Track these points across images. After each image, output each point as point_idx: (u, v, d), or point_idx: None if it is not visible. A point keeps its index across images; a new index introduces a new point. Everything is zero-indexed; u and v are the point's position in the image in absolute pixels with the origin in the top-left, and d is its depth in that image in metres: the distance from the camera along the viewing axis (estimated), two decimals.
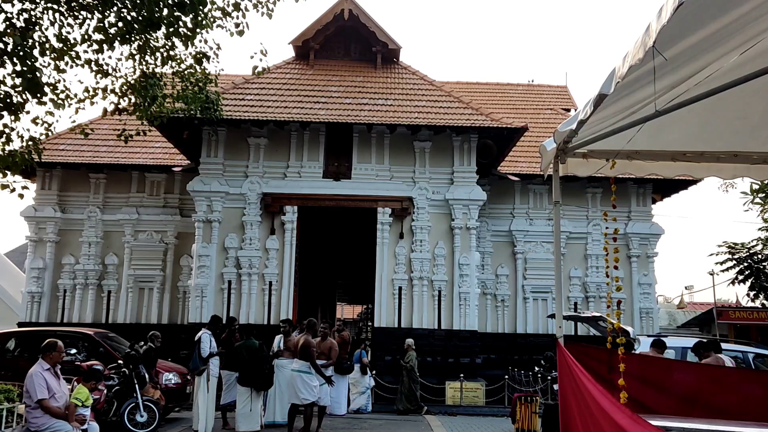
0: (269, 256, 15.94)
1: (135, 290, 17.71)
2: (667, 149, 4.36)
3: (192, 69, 10.25)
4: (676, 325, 27.46)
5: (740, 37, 2.68)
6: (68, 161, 17.58)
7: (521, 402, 10.97)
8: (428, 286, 16.03)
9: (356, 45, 18.81)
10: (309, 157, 16.45)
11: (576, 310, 17.37)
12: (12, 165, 7.88)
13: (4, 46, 7.32)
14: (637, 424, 2.66)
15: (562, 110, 21.96)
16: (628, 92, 3.18)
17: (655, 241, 18.53)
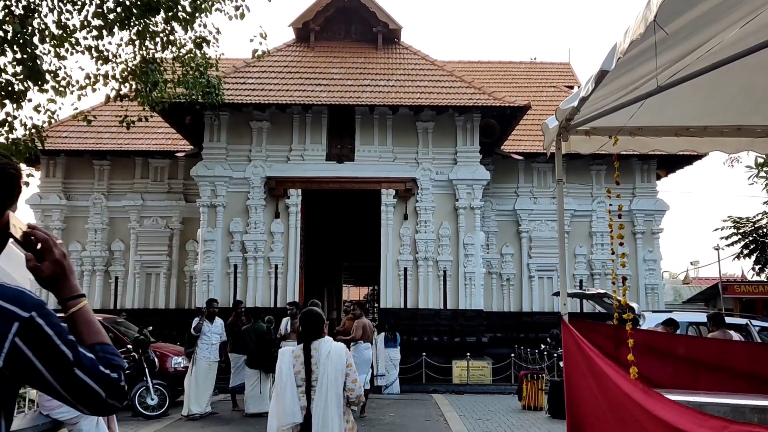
0: (274, 240, 16.00)
1: (142, 276, 17.84)
2: (670, 124, 4.34)
3: (192, 54, 10.20)
4: (681, 300, 27.51)
5: (742, 10, 2.65)
6: (72, 148, 17.62)
7: (527, 379, 11.08)
8: (433, 267, 16.08)
9: (357, 26, 18.68)
10: (312, 140, 16.43)
11: (581, 287, 17.41)
12: (16, 153, 7.91)
13: (4, 33, 7.31)
14: (649, 397, 2.69)
15: (565, 87, 21.81)
16: (630, 68, 3.16)
17: (660, 217, 18.51)
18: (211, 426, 9.39)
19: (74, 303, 1.44)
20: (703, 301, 25.66)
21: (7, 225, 1.43)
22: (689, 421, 2.32)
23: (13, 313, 1.28)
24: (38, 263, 1.43)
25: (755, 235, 20.76)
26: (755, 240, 20.76)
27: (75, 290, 1.45)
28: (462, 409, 11.13)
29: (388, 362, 13.49)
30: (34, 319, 1.30)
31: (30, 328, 1.29)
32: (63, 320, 1.38)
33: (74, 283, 1.46)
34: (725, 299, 21.49)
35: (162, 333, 14.78)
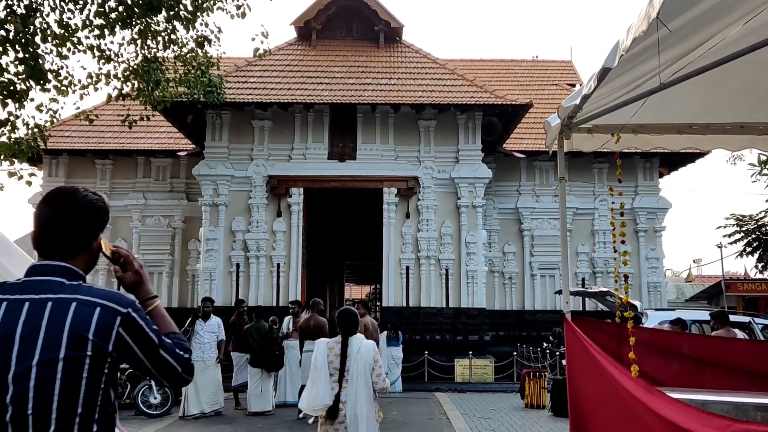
0: (276, 239, 16.01)
1: None
2: (673, 122, 4.33)
3: (194, 53, 10.20)
4: (684, 298, 27.48)
5: (745, 7, 2.64)
6: (74, 148, 17.65)
7: (530, 378, 11.07)
8: (435, 265, 16.08)
9: (358, 24, 18.67)
10: (314, 139, 16.44)
11: (584, 285, 17.40)
12: (18, 153, 7.91)
13: (6, 33, 7.31)
14: (652, 395, 2.68)
15: (567, 85, 21.78)
16: (632, 65, 3.15)
17: (663, 215, 18.49)
18: (213, 425, 9.40)
19: (150, 303, 1.91)
20: (705, 299, 25.63)
21: (100, 246, 1.91)
22: (692, 419, 2.32)
23: (115, 310, 1.72)
24: (123, 273, 1.92)
25: (758, 232, 20.70)
26: (758, 238, 20.71)
27: (150, 293, 1.93)
28: (464, 407, 11.13)
29: (391, 361, 13.49)
30: (130, 313, 1.74)
31: (128, 320, 1.73)
32: None
33: (149, 288, 1.95)
34: (728, 297, 21.46)
35: None
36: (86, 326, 1.66)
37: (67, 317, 1.65)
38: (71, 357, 1.62)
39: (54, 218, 1.79)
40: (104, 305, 1.71)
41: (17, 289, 1.71)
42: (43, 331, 1.63)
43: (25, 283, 1.74)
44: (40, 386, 1.59)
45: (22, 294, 1.69)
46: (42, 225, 1.80)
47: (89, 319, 1.67)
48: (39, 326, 1.63)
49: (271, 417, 9.94)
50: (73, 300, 1.69)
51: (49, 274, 1.74)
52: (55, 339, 1.63)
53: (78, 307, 1.68)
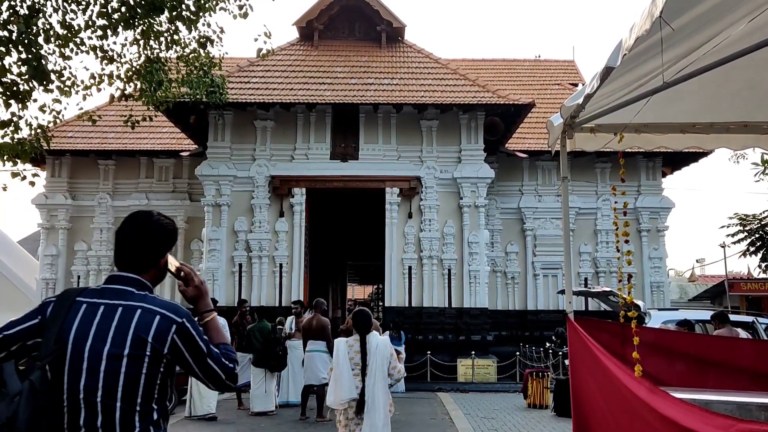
0: (279, 239, 16.02)
1: None
2: (676, 121, 4.32)
3: (196, 53, 10.20)
4: (687, 298, 27.41)
5: (748, 6, 2.63)
6: (77, 148, 17.69)
7: (533, 378, 11.06)
8: (438, 265, 16.07)
9: (360, 24, 18.67)
10: (316, 139, 16.44)
11: (586, 285, 17.38)
12: (21, 153, 7.92)
13: (9, 34, 7.32)
14: (655, 395, 2.67)
15: (570, 85, 21.76)
16: (636, 64, 3.15)
17: (666, 214, 18.46)
18: (216, 425, 9.40)
19: (207, 315, 2.18)
20: (709, 299, 25.56)
21: (166, 263, 2.19)
22: (696, 419, 2.31)
23: (172, 319, 1.99)
24: (185, 288, 2.20)
25: (762, 232, 20.64)
26: (762, 237, 20.65)
27: (208, 306, 2.20)
28: (467, 407, 11.12)
29: None
30: (184, 323, 2.00)
31: (182, 329, 1.99)
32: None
33: (208, 301, 2.22)
34: (731, 297, 21.41)
35: None
36: (147, 331, 1.95)
37: (133, 322, 1.96)
38: (133, 355, 1.93)
39: (130, 237, 2.14)
40: (163, 314, 2.00)
41: (96, 294, 2.04)
42: (113, 331, 1.94)
43: (103, 289, 2.06)
44: (107, 376, 1.91)
45: (100, 299, 2.02)
46: (120, 242, 2.15)
47: (150, 324, 1.97)
48: (109, 327, 1.95)
49: (274, 417, 9.94)
50: (139, 307, 1.99)
51: (123, 284, 2.06)
52: (122, 339, 1.93)
53: (142, 313, 1.98)
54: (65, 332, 1.94)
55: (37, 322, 1.99)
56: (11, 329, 1.99)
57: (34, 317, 2.01)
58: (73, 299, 2.01)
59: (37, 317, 2.00)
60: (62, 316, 1.96)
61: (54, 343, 1.93)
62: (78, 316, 1.96)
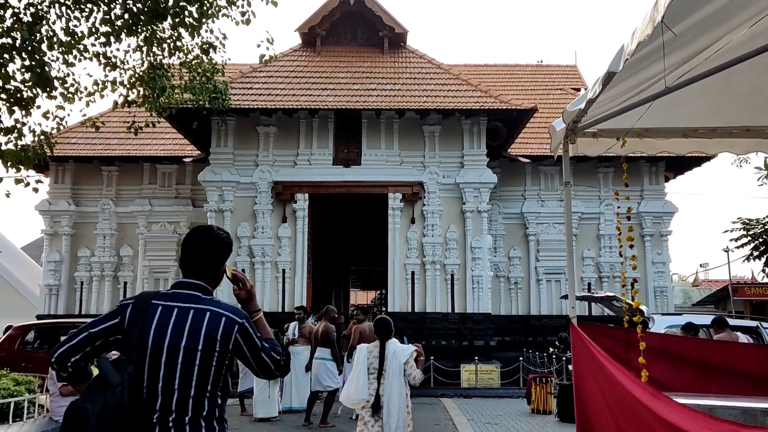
0: (281, 244, 16.03)
1: (150, 281, 17.89)
2: (679, 126, 4.32)
3: (199, 59, 10.22)
4: (691, 303, 27.34)
5: (750, 11, 2.63)
6: (80, 154, 17.74)
7: (536, 383, 11.02)
8: (441, 270, 16.05)
9: (363, 30, 18.72)
10: (318, 145, 16.46)
11: (590, 290, 17.34)
12: (25, 160, 7.94)
13: (13, 41, 7.35)
14: (659, 401, 2.66)
15: (572, 90, 21.76)
16: (638, 69, 3.15)
17: (669, 219, 18.43)
18: None
19: (256, 314, 2.54)
20: (712, 304, 25.48)
21: (225, 270, 2.58)
22: (700, 425, 2.30)
23: (235, 320, 2.37)
24: (239, 291, 2.57)
25: (765, 236, 20.60)
26: (765, 242, 20.61)
27: (256, 308, 2.58)
28: (471, 413, 11.09)
29: None
30: (244, 323, 2.39)
31: (242, 328, 2.38)
32: None
33: (256, 303, 2.60)
34: (735, 302, 21.34)
35: None
36: (216, 329, 2.32)
37: (204, 322, 2.32)
38: (205, 350, 2.29)
39: (195, 249, 2.50)
40: (228, 316, 2.37)
41: (168, 297, 2.38)
42: (187, 329, 2.30)
43: (174, 293, 2.40)
44: (184, 367, 2.26)
45: (173, 302, 2.36)
46: (186, 253, 2.51)
47: (218, 324, 2.33)
48: (184, 326, 2.30)
49: (277, 423, 9.92)
50: (208, 310, 2.36)
51: (191, 289, 2.42)
52: (196, 336, 2.29)
53: (211, 315, 2.34)
54: (146, 331, 2.28)
55: (117, 321, 2.34)
56: (96, 327, 2.34)
57: (115, 317, 2.36)
58: (149, 302, 2.35)
59: (117, 317, 2.35)
60: (142, 318, 2.31)
61: (137, 340, 2.27)
62: (155, 317, 2.31)
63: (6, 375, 8.27)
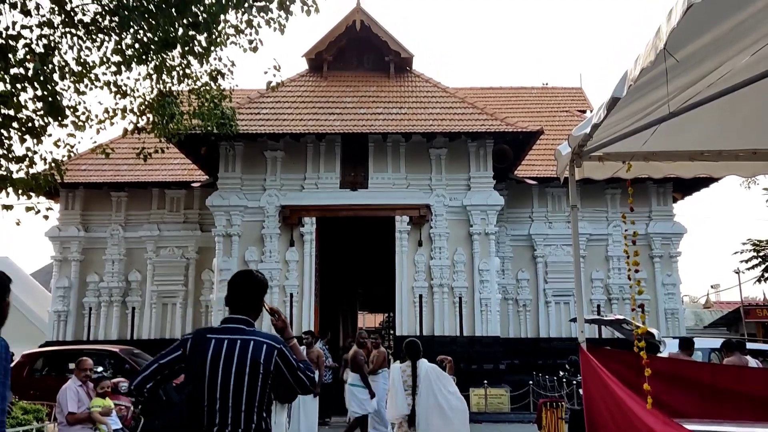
0: (289, 268, 16.03)
1: (158, 306, 17.90)
2: (685, 149, 4.33)
3: (207, 86, 10.37)
4: (702, 325, 27.03)
5: (751, 37, 2.66)
6: (90, 181, 17.88)
7: (547, 408, 10.87)
8: (449, 293, 15.99)
9: (369, 55, 18.91)
10: (326, 168, 16.55)
11: (599, 312, 17.19)
12: (36, 187, 8.03)
13: (25, 71, 7.48)
14: (669, 428, 2.64)
15: (578, 112, 21.85)
16: (641, 94, 3.18)
17: (678, 240, 18.31)
18: None
19: (290, 341, 3.08)
20: (725, 326, 25.20)
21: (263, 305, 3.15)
22: None
23: (274, 346, 2.89)
24: (276, 321, 3.18)
25: None
26: None
27: (290, 335, 3.15)
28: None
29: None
30: (282, 348, 2.91)
31: (281, 353, 2.89)
32: None
33: (290, 331, 3.18)
34: (747, 324, 21.09)
35: None
36: (259, 356, 2.83)
37: (249, 349, 2.84)
38: (252, 373, 2.80)
39: (239, 290, 3.06)
40: (269, 343, 2.89)
41: (220, 331, 2.92)
42: (236, 357, 2.81)
43: (224, 328, 2.94)
44: (236, 388, 2.77)
45: (223, 335, 2.89)
46: (232, 293, 3.07)
47: (261, 351, 2.85)
48: (234, 354, 2.81)
49: None
50: (251, 340, 2.88)
51: (237, 323, 2.96)
52: (244, 362, 2.80)
53: (255, 343, 2.87)
54: (203, 360, 2.80)
55: (180, 353, 2.89)
56: (164, 359, 2.90)
57: (178, 350, 2.91)
58: (205, 336, 2.90)
59: (180, 350, 2.90)
60: (200, 349, 2.83)
61: (197, 368, 2.80)
62: (211, 348, 2.83)
63: (14, 403, 8.26)
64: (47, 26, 8.00)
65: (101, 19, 8.11)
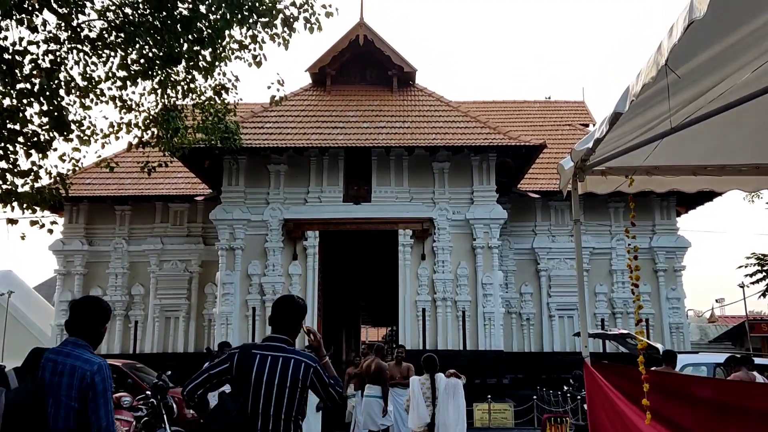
0: (292, 282, 16.02)
1: (161, 319, 17.89)
2: (687, 164, 4.33)
3: (212, 100, 10.43)
4: (707, 339, 26.86)
5: (753, 52, 2.68)
6: (94, 195, 17.95)
7: (551, 423, 10.79)
8: (452, 307, 15.94)
9: (372, 69, 19.02)
10: (329, 182, 16.58)
11: (603, 326, 17.11)
12: (41, 201, 8.06)
13: (31, 86, 7.55)
14: None
15: (581, 125, 21.89)
16: (644, 109, 3.19)
17: (682, 254, 18.25)
18: None
19: (323, 359, 3.51)
20: (729, 341, 25.04)
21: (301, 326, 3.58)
22: None
23: (310, 364, 3.34)
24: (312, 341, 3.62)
25: None
26: None
27: (324, 354, 3.57)
28: None
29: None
30: (317, 367, 3.36)
31: (316, 370, 3.34)
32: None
33: (323, 350, 3.60)
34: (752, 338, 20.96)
35: (181, 377, 14.67)
36: (297, 371, 3.31)
37: (289, 366, 3.31)
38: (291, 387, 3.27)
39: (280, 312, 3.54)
40: (306, 362, 3.36)
41: (263, 348, 3.38)
42: (278, 371, 3.28)
43: (267, 345, 3.40)
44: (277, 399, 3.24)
45: (267, 351, 3.35)
46: (275, 315, 3.54)
47: (299, 368, 3.32)
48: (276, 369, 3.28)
49: None
50: (292, 357, 3.35)
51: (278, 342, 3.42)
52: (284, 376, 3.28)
53: (294, 361, 3.34)
54: (249, 372, 3.26)
55: (227, 366, 3.34)
56: (213, 370, 3.37)
57: (225, 363, 3.36)
58: (251, 351, 3.35)
59: (227, 363, 3.35)
60: (247, 363, 3.29)
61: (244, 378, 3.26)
62: (256, 363, 3.29)
63: None
64: (53, 42, 8.08)
65: (107, 34, 8.19)
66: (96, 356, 3.11)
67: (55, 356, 3.04)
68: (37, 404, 2.87)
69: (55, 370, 3.00)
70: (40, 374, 2.98)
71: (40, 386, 2.93)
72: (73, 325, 3.19)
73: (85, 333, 3.19)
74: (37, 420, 2.84)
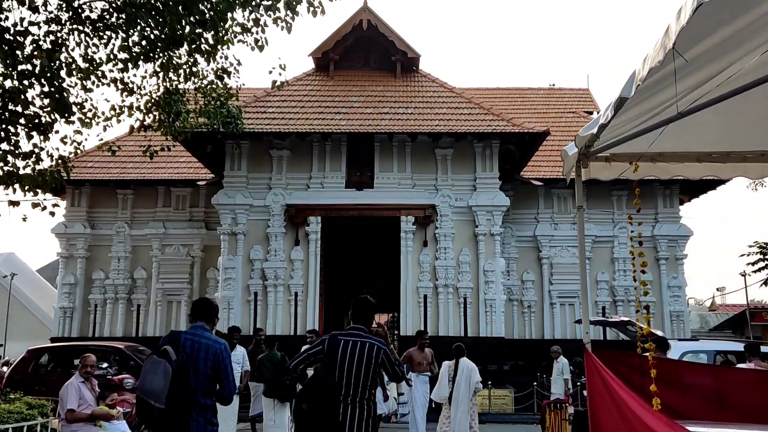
0: (294, 267, 16.04)
1: (164, 303, 17.95)
2: (692, 150, 4.30)
3: (214, 84, 10.37)
4: (708, 327, 26.91)
5: (762, 37, 2.63)
6: (96, 178, 17.95)
7: (551, 409, 10.83)
8: (453, 294, 15.97)
9: (375, 55, 18.90)
10: (331, 168, 16.55)
11: (604, 314, 17.13)
12: (42, 184, 8.05)
13: (33, 67, 7.50)
14: (672, 430, 2.62)
15: (585, 113, 21.77)
16: (650, 95, 3.15)
17: (684, 242, 18.23)
18: None
19: (389, 345, 4.60)
20: (730, 329, 25.07)
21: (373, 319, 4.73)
22: None
23: (382, 347, 4.39)
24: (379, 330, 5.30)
25: None
26: None
27: (389, 341, 4.86)
28: None
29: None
30: (386, 349, 4.43)
31: (386, 352, 4.40)
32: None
33: (389, 339, 5.09)
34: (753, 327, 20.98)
35: None
36: (372, 352, 4.28)
37: (366, 348, 4.28)
38: (367, 363, 4.25)
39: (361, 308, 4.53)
40: (378, 345, 4.33)
41: (348, 335, 4.36)
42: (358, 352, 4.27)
43: (350, 332, 4.39)
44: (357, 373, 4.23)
45: (350, 337, 4.33)
46: (356, 310, 4.51)
47: (374, 349, 4.29)
48: (356, 350, 4.27)
49: None
50: (367, 342, 4.32)
51: (358, 330, 4.41)
52: (362, 356, 4.26)
53: (370, 344, 4.30)
54: (338, 353, 4.25)
55: (320, 348, 4.36)
56: (311, 350, 4.44)
57: (319, 346, 4.38)
58: (337, 338, 4.33)
59: (320, 346, 4.37)
60: (336, 346, 4.28)
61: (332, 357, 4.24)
62: (340, 346, 4.27)
63: (19, 398, 8.28)
64: (55, 23, 8.02)
65: (108, 16, 8.12)
66: (219, 338, 4.42)
67: (192, 336, 4.27)
68: (184, 371, 4.10)
69: (193, 346, 4.23)
70: (182, 349, 4.18)
71: (185, 358, 4.15)
72: (196, 315, 4.46)
73: (207, 321, 4.45)
74: (186, 381, 4.09)
